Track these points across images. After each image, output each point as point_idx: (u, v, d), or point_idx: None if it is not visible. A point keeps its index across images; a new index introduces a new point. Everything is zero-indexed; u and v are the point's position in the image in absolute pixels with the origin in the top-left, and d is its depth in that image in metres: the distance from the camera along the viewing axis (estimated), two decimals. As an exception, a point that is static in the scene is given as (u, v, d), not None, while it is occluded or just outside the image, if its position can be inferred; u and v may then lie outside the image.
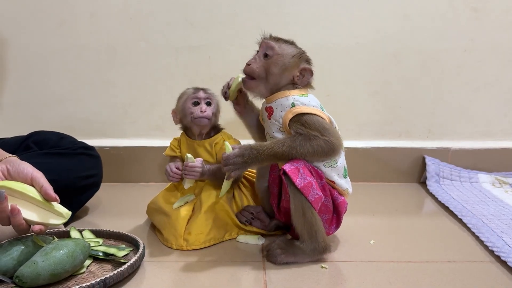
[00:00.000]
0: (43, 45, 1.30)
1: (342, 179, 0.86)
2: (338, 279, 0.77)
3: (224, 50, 1.31)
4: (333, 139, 0.80)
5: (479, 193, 1.21)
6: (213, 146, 0.97)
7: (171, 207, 0.94)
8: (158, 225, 0.94)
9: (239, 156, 0.79)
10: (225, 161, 0.79)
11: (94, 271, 0.77)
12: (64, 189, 0.95)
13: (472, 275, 0.79)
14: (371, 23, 1.30)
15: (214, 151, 0.97)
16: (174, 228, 0.89)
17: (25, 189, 0.72)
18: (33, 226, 0.72)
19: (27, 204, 0.73)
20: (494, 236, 0.92)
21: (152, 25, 1.30)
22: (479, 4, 1.30)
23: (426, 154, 1.34)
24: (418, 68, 1.34)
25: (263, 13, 1.30)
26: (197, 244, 0.88)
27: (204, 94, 0.97)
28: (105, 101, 1.34)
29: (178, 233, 0.88)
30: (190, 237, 0.88)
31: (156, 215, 0.96)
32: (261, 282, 0.76)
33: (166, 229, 0.91)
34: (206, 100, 0.97)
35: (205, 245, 0.89)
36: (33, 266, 0.69)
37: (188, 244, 0.88)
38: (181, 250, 0.87)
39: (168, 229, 0.90)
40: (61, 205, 0.75)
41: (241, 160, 0.79)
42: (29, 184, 0.74)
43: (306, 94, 0.86)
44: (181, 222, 0.89)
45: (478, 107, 1.36)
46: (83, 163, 1.03)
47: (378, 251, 0.88)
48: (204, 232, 0.89)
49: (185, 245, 0.88)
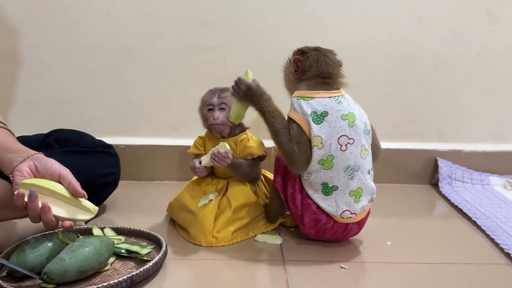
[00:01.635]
0: (59, 43, 1.31)
1: (318, 194, 0.85)
2: (358, 279, 0.78)
3: (239, 51, 1.32)
4: (295, 155, 0.83)
5: (491, 196, 1.22)
6: (238, 144, 0.98)
7: (195, 205, 0.94)
8: (183, 223, 0.95)
9: (248, 88, 0.87)
10: (237, 81, 0.89)
11: (118, 268, 0.78)
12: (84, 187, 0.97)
13: (489, 277, 0.80)
14: (385, 26, 1.31)
15: (238, 149, 0.98)
16: (203, 226, 0.90)
17: (53, 187, 0.74)
18: (63, 222, 0.73)
19: (56, 201, 0.74)
20: (509, 239, 0.93)
21: (168, 25, 1.31)
22: (493, 8, 1.30)
23: (438, 156, 1.35)
24: (431, 71, 1.34)
25: (278, 14, 1.30)
26: (226, 241, 0.90)
27: (217, 99, 0.97)
28: (120, 100, 1.35)
29: (207, 230, 0.90)
30: (220, 234, 0.90)
31: (180, 213, 0.97)
32: (283, 281, 0.77)
33: (193, 227, 0.92)
34: (220, 106, 0.97)
35: (233, 242, 0.91)
36: (60, 263, 0.70)
37: (217, 241, 0.89)
38: (200, 248, 0.89)
39: (196, 226, 0.91)
40: (88, 201, 0.77)
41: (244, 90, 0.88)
42: (56, 180, 0.76)
43: (310, 97, 0.85)
44: (209, 219, 0.91)
45: (491, 110, 1.37)
46: (102, 161, 1.04)
47: (395, 253, 0.89)
48: (231, 230, 0.91)
49: (215, 241, 0.89)
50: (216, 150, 0.91)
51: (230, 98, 0.96)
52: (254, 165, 0.98)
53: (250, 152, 0.97)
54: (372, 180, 0.89)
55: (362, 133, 0.85)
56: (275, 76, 1.34)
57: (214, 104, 0.97)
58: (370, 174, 0.88)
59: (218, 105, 0.97)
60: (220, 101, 0.97)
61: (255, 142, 0.98)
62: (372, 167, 0.89)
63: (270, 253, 0.88)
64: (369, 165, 0.88)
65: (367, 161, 0.87)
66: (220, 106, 0.97)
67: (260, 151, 0.97)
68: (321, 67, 0.88)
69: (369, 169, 0.88)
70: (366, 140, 0.87)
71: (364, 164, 0.86)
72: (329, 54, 0.91)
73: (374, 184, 0.89)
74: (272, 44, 1.32)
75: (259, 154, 0.97)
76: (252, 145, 0.97)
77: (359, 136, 0.85)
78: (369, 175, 0.88)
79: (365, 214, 0.90)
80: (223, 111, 0.97)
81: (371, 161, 0.89)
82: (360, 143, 0.85)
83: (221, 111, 0.97)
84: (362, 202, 0.86)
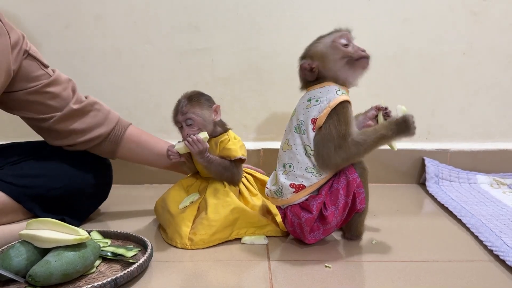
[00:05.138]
0: (48, 47, 1.32)
1: None
2: (342, 278, 0.79)
3: (228, 53, 1.34)
4: None
5: (478, 194, 1.24)
6: (218, 144, 0.97)
7: (177, 207, 0.96)
8: (163, 223, 0.97)
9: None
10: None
11: (104, 271, 0.79)
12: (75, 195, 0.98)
13: (472, 273, 0.81)
14: (371, 26, 1.32)
15: (218, 149, 0.97)
16: (179, 227, 0.91)
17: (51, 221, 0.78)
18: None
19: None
20: (493, 236, 0.94)
21: (156, 29, 1.32)
22: (478, 8, 1.32)
23: (425, 156, 1.36)
24: (418, 71, 1.36)
25: (266, 17, 1.32)
26: (201, 244, 0.90)
27: (182, 117, 0.94)
28: (110, 103, 1.34)
29: (183, 232, 0.90)
30: (195, 237, 0.90)
31: (162, 213, 0.98)
32: (267, 281, 0.78)
33: (171, 228, 0.93)
34: (187, 122, 0.94)
35: (209, 245, 0.91)
36: (46, 266, 0.71)
37: (192, 244, 0.90)
38: (186, 250, 0.89)
39: (173, 227, 0.92)
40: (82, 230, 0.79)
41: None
42: None
43: None
44: (186, 221, 0.92)
45: (477, 109, 1.39)
46: (95, 170, 1.04)
47: (380, 251, 0.90)
48: (208, 233, 0.90)
49: (190, 244, 0.90)
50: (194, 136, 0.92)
51: (194, 112, 0.93)
52: (231, 166, 0.97)
53: (228, 154, 0.96)
54: (286, 177, 0.88)
55: (292, 128, 0.90)
56: (263, 77, 1.36)
57: (180, 122, 0.95)
58: (284, 168, 0.89)
59: (184, 122, 0.94)
60: (184, 118, 0.93)
61: (235, 145, 0.97)
62: (291, 164, 0.88)
63: (255, 254, 0.89)
64: (287, 160, 0.89)
65: (285, 155, 0.89)
66: (187, 123, 0.94)
67: (238, 154, 0.96)
68: None
69: (285, 163, 0.89)
70: (294, 137, 0.89)
71: (282, 156, 0.91)
72: None
73: (286, 180, 0.88)
74: (260, 47, 1.34)
75: (236, 157, 0.96)
76: (231, 147, 0.96)
77: (289, 130, 0.91)
78: (283, 168, 0.89)
79: (286, 203, 0.89)
80: (192, 126, 0.94)
81: (293, 159, 0.88)
82: (286, 136, 0.92)
83: (190, 127, 0.94)
84: (273, 187, 0.91)
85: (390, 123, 0.87)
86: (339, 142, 0.84)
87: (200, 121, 0.94)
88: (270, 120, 1.38)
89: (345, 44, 0.90)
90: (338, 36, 0.91)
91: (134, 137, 1.07)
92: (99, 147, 1.03)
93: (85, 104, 1.01)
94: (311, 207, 0.87)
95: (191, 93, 0.97)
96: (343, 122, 0.85)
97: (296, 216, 0.88)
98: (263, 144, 1.36)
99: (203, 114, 0.94)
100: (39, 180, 0.95)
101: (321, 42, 0.92)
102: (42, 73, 0.96)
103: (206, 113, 0.95)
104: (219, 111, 0.98)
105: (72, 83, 1.03)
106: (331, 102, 0.85)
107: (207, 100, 0.97)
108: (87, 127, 1.00)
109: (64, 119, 0.98)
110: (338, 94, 0.87)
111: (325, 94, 0.87)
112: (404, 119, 0.86)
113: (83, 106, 1.00)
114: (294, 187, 0.87)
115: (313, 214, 0.86)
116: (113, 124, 1.04)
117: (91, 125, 1.01)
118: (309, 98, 0.89)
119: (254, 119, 1.38)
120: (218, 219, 0.91)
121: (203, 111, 0.94)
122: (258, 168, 1.14)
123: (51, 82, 0.97)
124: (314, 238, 0.90)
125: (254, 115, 1.38)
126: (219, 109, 0.98)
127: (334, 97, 0.86)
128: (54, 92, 0.97)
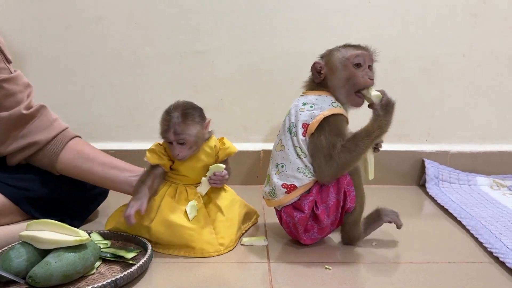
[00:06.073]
0: (49, 49, 1.32)
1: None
2: (342, 279, 0.79)
3: (227, 55, 1.34)
4: None
5: (478, 196, 1.24)
6: (213, 147, 0.94)
7: (186, 220, 0.89)
8: (182, 239, 0.88)
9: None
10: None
11: (104, 272, 0.79)
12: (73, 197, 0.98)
13: (472, 275, 0.81)
14: (372, 29, 1.33)
15: (214, 152, 0.94)
16: (206, 237, 0.88)
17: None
18: None
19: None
20: (492, 238, 0.94)
21: (157, 30, 1.32)
22: (478, 10, 1.32)
23: (425, 157, 1.37)
24: (418, 73, 1.36)
25: (266, 19, 1.32)
26: (231, 245, 0.91)
27: (174, 137, 0.87)
28: (111, 104, 1.37)
29: (212, 240, 0.88)
30: (224, 240, 0.90)
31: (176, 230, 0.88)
32: (267, 283, 0.78)
33: (196, 241, 0.87)
34: (179, 141, 0.87)
35: (236, 243, 0.93)
36: (46, 267, 0.71)
37: (225, 247, 0.89)
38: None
39: (200, 239, 0.88)
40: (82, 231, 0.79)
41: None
42: None
43: None
44: (209, 229, 0.90)
45: (477, 111, 1.39)
46: None
47: (380, 253, 0.90)
48: (233, 232, 0.92)
49: (223, 248, 0.89)
50: (211, 174, 0.91)
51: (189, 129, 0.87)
52: (228, 164, 0.97)
53: (228, 152, 0.96)
54: (278, 177, 0.88)
55: (285, 129, 0.90)
56: (263, 79, 1.36)
57: (171, 140, 0.88)
58: (277, 169, 0.89)
59: (175, 141, 0.88)
60: (177, 138, 0.87)
61: (227, 142, 0.97)
62: (283, 164, 0.88)
63: (256, 255, 0.89)
64: (280, 161, 0.89)
65: (278, 156, 0.90)
66: (179, 141, 0.88)
67: (235, 149, 0.97)
68: None
69: (278, 163, 0.89)
70: (286, 137, 0.89)
71: (275, 156, 0.91)
72: None
73: (279, 180, 0.88)
74: (260, 49, 1.34)
75: (235, 151, 0.97)
76: (228, 145, 0.96)
77: (282, 131, 0.91)
78: (276, 169, 0.89)
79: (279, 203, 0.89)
80: (183, 145, 0.88)
81: (286, 159, 0.88)
82: (279, 136, 0.92)
83: (181, 146, 0.88)
84: (267, 187, 0.92)
85: (372, 126, 0.84)
86: (329, 152, 0.84)
87: (193, 141, 0.88)
88: (270, 121, 1.38)
89: (358, 64, 0.87)
90: (354, 55, 0.87)
91: (77, 147, 0.97)
92: (37, 156, 0.95)
93: (33, 110, 0.94)
94: (303, 206, 0.87)
95: (184, 108, 0.88)
96: (334, 133, 0.84)
97: (290, 217, 0.89)
98: (263, 145, 1.37)
99: (197, 133, 0.88)
100: (36, 182, 0.95)
101: (340, 52, 0.89)
102: (4, 66, 0.92)
103: (199, 130, 0.89)
104: (209, 124, 0.93)
105: (30, 89, 0.97)
106: (325, 111, 0.85)
107: (199, 116, 0.90)
108: (26, 131, 0.93)
109: (8, 121, 0.92)
110: (333, 105, 0.87)
111: (321, 103, 0.87)
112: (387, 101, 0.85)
113: (31, 112, 0.94)
114: (286, 187, 0.87)
115: (305, 213, 0.87)
116: (55, 132, 0.95)
117: (30, 129, 0.93)
118: (304, 102, 0.89)
119: (254, 121, 1.38)
120: (235, 217, 0.94)
121: (196, 130, 0.88)
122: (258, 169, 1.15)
123: (9, 79, 0.92)
124: (310, 238, 0.90)
125: (254, 116, 1.38)
126: (209, 123, 0.93)
127: (328, 107, 0.86)
128: (9, 89, 0.91)
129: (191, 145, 0.89)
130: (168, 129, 0.87)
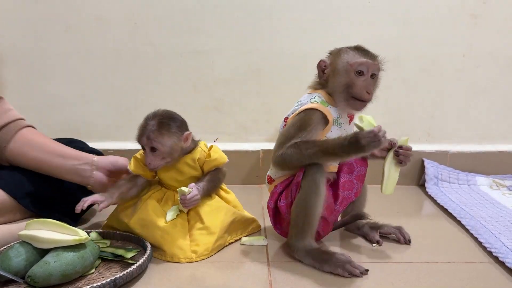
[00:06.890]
0: (49, 49, 1.32)
1: None
2: (341, 279, 0.79)
3: (227, 55, 1.34)
4: None
5: (477, 196, 1.24)
6: (196, 161, 0.91)
7: (163, 222, 0.88)
8: (154, 241, 0.87)
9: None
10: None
11: (103, 272, 0.79)
12: (72, 193, 0.98)
13: (471, 275, 0.81)
14: (372, 29, 1.33)
15: (197, 165, 0.92)
16: (178, 241, 0.86)
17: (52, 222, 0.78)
18: None
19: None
20: (492, 238, 0.94)
21: (156, 30, 1.32)
22: (478, 11, 1.33)
23: (425, 157, 1.37)
24: (418, 73, 1.36)
25: (265, 19, 1.32)
26: (206, 254, 0.87)
27: (146, 141, 0.85)
28: (110, 104, 1.37)
29: (185, 246, 0.86)
30: (199, 247, 0.86)
31: (148, 232, 0.88)
32: (267, 283, 0.78)
33: (167, 244, 0.86)
34: (151, 149, 0.85)
35: (213, 253, 0.88)
36: (45, 266, 0.71)
37: (197, 255, 0.86)
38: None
39: (171, 243, 0.86)
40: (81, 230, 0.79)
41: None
42: None
43: None
44: (183, 235, 0.87)
45: (477, 111, 1.39)
46: None
47: (380, 253, 0.90)
48: (211, 241, 0.87)
49: (195, 256, 0.86)
50: (179, 198, 0.86)
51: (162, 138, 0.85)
52: (218, 173, 0.93)
53: (215, 164, 0.92)
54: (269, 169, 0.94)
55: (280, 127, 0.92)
56: (263, 79, 1.36)
57: (143, 144, 0.87)
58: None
59: (148, 147, 0.86)
60: (149, 144, 0.85)
61: (216, 152, 0.93)
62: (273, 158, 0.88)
63: (255, 255, 0.89)
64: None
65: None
66: (151, 149, 0.86)
67: (224, 159, 0.93)
68: None
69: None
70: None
71: None
72: None
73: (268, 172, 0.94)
74: (259, 49, 1.34)
75: (225, 162, 0.93)
76: (215, 157, 0.92)
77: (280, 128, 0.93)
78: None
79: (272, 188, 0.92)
80: (156, 154, 0.86)
81: None
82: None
83: (154, 154, 0.86)
84: None
85: (343, 139, 0.78)
86: (283, 140, 0.84)
87: (166, 151, 0.86)
88: (270, 121, 1.38)
89: (360, 72, 0.84)
90: (358, 63, 0.84)
91: (28, 136, 0.92)
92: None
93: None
94: (271, 197, 0.92)
95: (162, 117, 0.87)
96: (298, 126, 0.84)
97: (267, 207, 0.93)
98: (262, 145, 1.37)
99: (171, 144, 0.86)
100: (35, 177, 0.94)
101: (347, 54, 0.86)
102: None
103: (174, 142, 0.86)
104: (190, 137, 0.90)
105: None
106: (302, 107, 0.86)
107: (178, 128, 0.87)
108: None
109: None
110: (311, 101, 0.86)
111: (307, 99, 0.88)
112: (356, 137, 0.76)
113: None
114: (268, 179, 0.94)
115: (272, 205, 0.91)
116: (8, 120, 0.91)
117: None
118: (298, 99, 0.91)
119: (254, 121, 1.38)
120: (217, 225, 0.89)
121: (171, 141, 0.86)
122: (258, 169, 1.14)
123: None
124: (280, 231, 0.93)
125: (254, 116, 1.38)
126: (190, 136, 0.89)
127: (306, 103, 0.86)
128: None
129: (163, 155, 0.86)
130: (142, 134, 0.86)
